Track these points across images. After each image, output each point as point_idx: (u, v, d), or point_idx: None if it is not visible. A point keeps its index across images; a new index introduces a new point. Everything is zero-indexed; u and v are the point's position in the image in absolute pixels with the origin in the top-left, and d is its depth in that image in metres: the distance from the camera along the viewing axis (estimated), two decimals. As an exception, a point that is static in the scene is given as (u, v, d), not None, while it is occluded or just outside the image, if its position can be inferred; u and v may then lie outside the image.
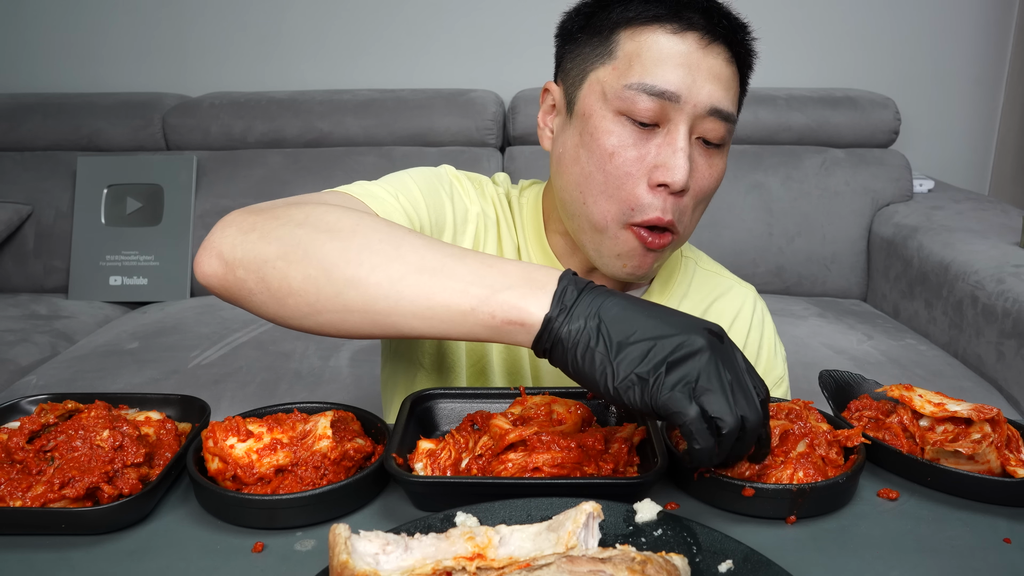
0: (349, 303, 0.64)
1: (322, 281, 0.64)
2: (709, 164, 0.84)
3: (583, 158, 0.84)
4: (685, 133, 0.81)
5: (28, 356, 1.91)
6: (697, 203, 0.85)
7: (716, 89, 0.81)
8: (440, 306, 0.62)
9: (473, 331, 0.62)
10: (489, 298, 0.60)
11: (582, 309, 0.59)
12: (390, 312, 0.63)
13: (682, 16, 0.81)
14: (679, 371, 0.55)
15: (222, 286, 0.69)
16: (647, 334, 0.57)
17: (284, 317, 0.67)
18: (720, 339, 0.58)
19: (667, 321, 0.58)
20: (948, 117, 2.67)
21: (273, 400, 1.66)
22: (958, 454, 0.65)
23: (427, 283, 0.62)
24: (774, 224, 2.30)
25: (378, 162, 2.38)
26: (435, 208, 0.88)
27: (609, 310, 0.58)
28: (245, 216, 0.70)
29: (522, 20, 2.59)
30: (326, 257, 0.64)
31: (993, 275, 1.76)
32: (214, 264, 0.68)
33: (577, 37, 0.87)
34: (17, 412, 0.72)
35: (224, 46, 2.66)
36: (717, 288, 1.03)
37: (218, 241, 0.69)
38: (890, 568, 0.56)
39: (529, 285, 0.61)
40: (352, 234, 0.66)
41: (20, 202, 2.37)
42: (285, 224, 0.67)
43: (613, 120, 0.82)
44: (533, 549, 0.51)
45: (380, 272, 0.63)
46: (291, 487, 0.62)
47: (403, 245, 0.65)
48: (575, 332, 0.58)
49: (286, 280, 0.65)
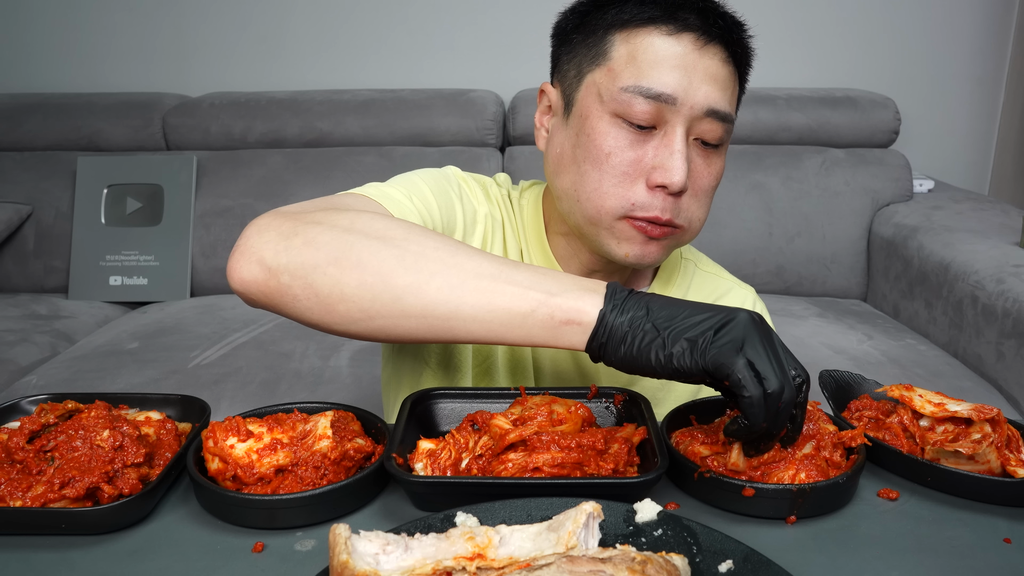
0: (407, 309, 0.65)
1: (379, 287, 0.65)
2: (707, 164, 0.84)
3: (580, 159, 0.84)
4: (682, 135, 0.81)
5: (28, 356, 1.91)
6: (699, 200, 0.85)
7: (713, 90, 0.81)
8: (501, 309, 0.64)
9: (531, 333, 0.65)
10: (547, 300, 0.64)
11: (632, 303, 0.63)
12: (449, 316, 0.65)
13: (677, 17, 0.80)
14: (726, 335, 0.60)
15: (262, 292, 0.68)
16: (694, 314, 0.62)
17: (330, 323, 0.67)
18: (761, 320, 0.62)
19: (710, 306, 0.63)
20: (948, 117, 2.67)
21: (273, 400, 1.66)
22: (958, 454, 0.65)
23: (487, 288, 0.65)
24: (774, 224, 2.30)
25: (378, 162, 2.38)
26: (446, 209, 0.88)
27: (656, 301, 0.63)
28: (281, 220, 0.69)
29: (522, 20, 2.59)
30: (383, 264, 0.65)
31: (993, 275, 1.75)
32: (254, 270, 0.67)
33: (572, 38, 0.87)
34: (17, 412, 0.72)
35: (224, 46, 2.66)
36: (717, 290, 1.03)
37: (257, 247, 0.67)
38: (890, 568, 0.56)
39: (582, 289, 0.65)
40: (406, 241, 0.67)
41: (20, 202, 2.37)
42: (331, 229, 0.67)
43: (610, 122, 0.82)
44: (533, 549, 0.51)
45: (440, 278, 0.65)
46: (291, 487, 0.62)
47: (459, 253, 0.67)
48: (627, 322, 0.62)
49: (338, 286, 0.65)
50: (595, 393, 0.75)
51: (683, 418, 0.73)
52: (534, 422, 0.66)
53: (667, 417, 0.72)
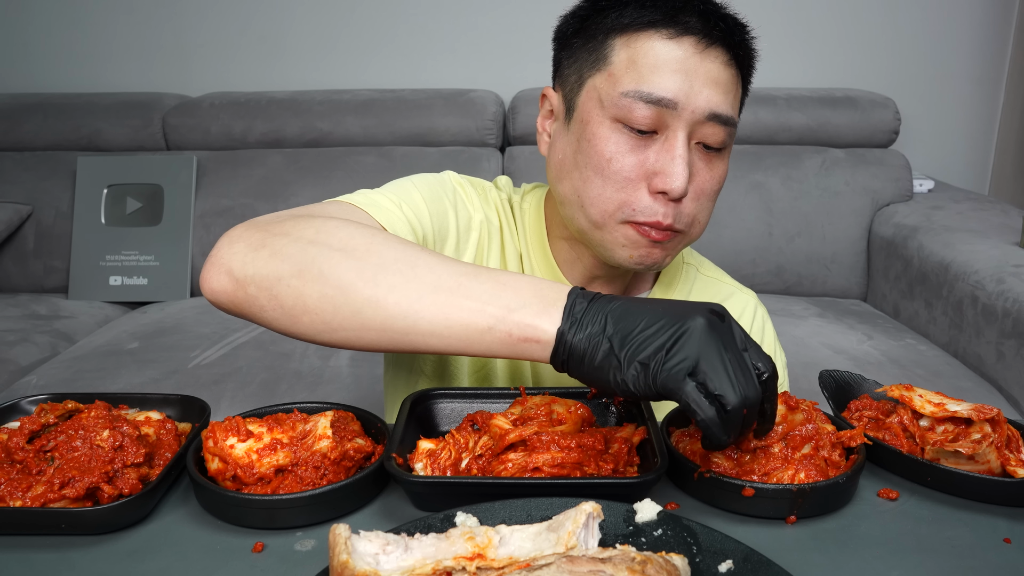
0: (367, 322, 0.65)
1: (339, 300, 0.65)
2: (710, 168, 0.84)
3: (581, 163, 0.83)
4: (684, 139, 0.80)
5: (28, 356, 1.91)
6: (701, 204, 0.85)
7: (714, 94, 0.80)
8: (458, 326, 0.63)
9: (492, 348, 0.63)
10: (505, 318, 0.62)
11: (591, 316, 0.60)
12: (408, 331, 0.64)
13: (678, 20, 0.79)
14: (678, 353, 0.57)
15: (231, 302, 0.69)
16: (650, 325, 0.59)
17: (296, 333, 0.68)
18: (721, 318, 0.60)
19: (669, 310, 0.60)
20: (948, 117, 2.67)
21: (273, 400, 1.66)
22: (958, 454, 0.65)
23: (444, 303, 0.63)
24: (774, 224, 2.30)
25: (378, 162, 2.38)
26: (438, 216, 0.88)
27: (615, 311, 0.60)
28: (252, 231, 0.70)
29: (522, 20, 2.59)
30: (343, 276, 0.65)
31: (993, 275, 1.75)
32: (223, 281, 0.68)
33: (573, 42, 0.86)
34: (17, 412, 0.72)
35: (224, 46, 2.66)
36: (718, 294, 1.03)
37: (226, 257, 0.68)
38: (890, 568, 0.56)
39: (541, 302, 0.62)
40: (367, 253, 0.66)
41: (20, 202, 2.37)
42: (296, 241, 0.67)
43: (610, 127, 0.81)
44: (533, 549, 0.51)
45: (398, 292, 0.64)
46: (291, 487, 0.62)
47: (418, 264, 0.65)
48: (586, 339, 0.60)
49: (301, 299, 0.66)
50: (595, 393, 0.75)
51: (683, 418, 0.73)
52: (534, 422, 0.66)
53: (667, 417, 0.72)
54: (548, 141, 0.91)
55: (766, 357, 0.60)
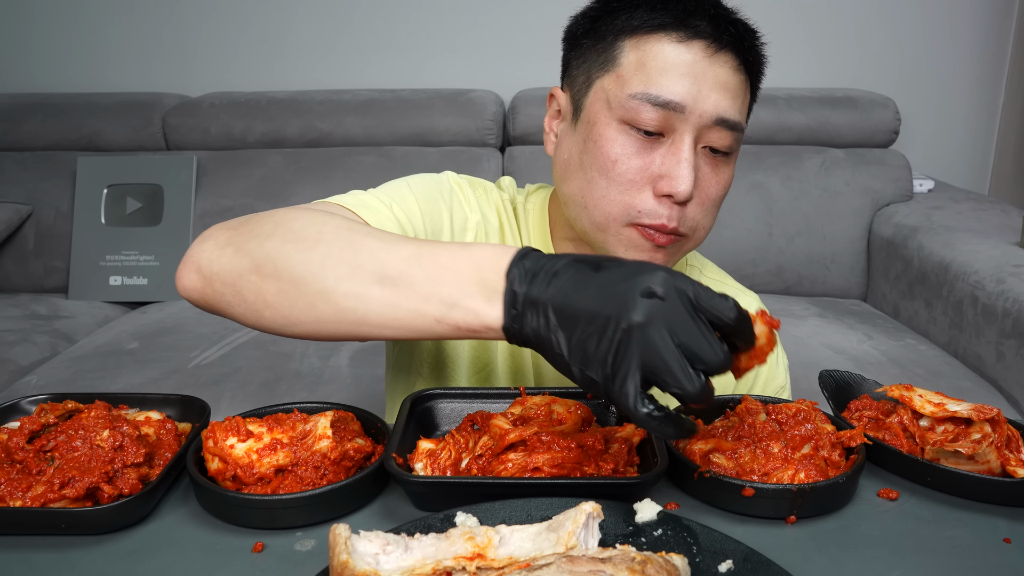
0: (321, 315, 0.65)
1: (294, 294, 0.65)
2: (715, 173, 0.84)
3: (587, 165, 0.83)
4: (690, 143, 0.80)
5: (28, 356, 1.91)
6: (705, 209, 0.85)
7: (722, 98, 0.80)
8: (406, 320, 0.63)
9: (447, 335, 0.63)
10: (447, 314, 0.61)
11: (532, 307, 0.58)
12: (360, 323, 0.64)
13: (688, 24, 0.79)
14: (621, 368, 0.54)
15: (202, 299, 0.71)
16: (591, 321, 0.56)
17: (263, 327, 0.69)
18: (662, 295, 0.55)
19: (606, 297, 0.56)
20: (948, 117, 2.67)
21: (273, 400, 1.65)
22: (958, 454, 0.65)
23: (389, 297, 0.62)
24: (774, 224, 2.30)
25: (378, 162, 2.38)
26: (432, 216, 0.87)
27: (555, 299, 0.57)
28: (223, 230, 0.72)
29: (522, 20, 2.59)
30: (294, 270, 0.65)
31: (993, 275, 1.75)
32: (193, 278, 0.70)
33: (582, 43, 0.86)
34: (17, 412, 0.72)
35: (224, 46, 2.66)
36: None
37: (196, 255, 0.71)
38: (890, 568, 0.56)
39: (482, 289, 0.60)
40: (316, 243, 0.66)
41: (20, 202, 2.37)
42: (256, 237, 0.69)
43: (617, 129, 0.81)
44: (533, 549, 0.51)
45: (345, 284, 0.64)
46: (291, 487, 0.62)
47: (362, 251, 0.65)
48: (533, 335, 0.58)
49: (261, 294, 0.67)
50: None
51: (683, 418, 0.73)
52: (534, 422, 0.67)
53: (667, 417, 0.72)
54: (555, 141, 0.91)
55: (724, 302, 0.56)
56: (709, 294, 0.56)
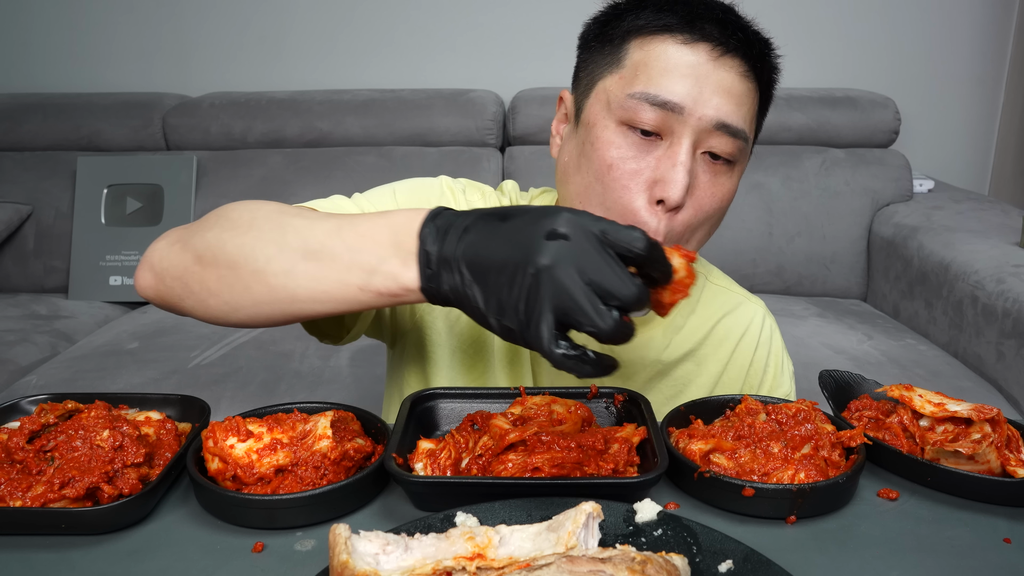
0: (258, 297, 0.67)
1: (232, 279, 0.68)
2: (714, 182, 0.81)
3: (584, 168, 0.82)
4: (688, 147, 0.78)
5: (28, 356, 1.91)
6: (698, 222, 0.82)
7: (725, 103, 0.78)
8: (333, 291, 0.65)
9: (375, 304, 0.65)
10: (369, 281, 0.63)
11: (446, 265, 0.60)
12: (292, 301, 0.66)
13: (694, 26, 0.78)
14: (534, 312, 0.56)
15: (157, 296, 0.74)
16: (500, 275, 0.57)
17: (212, 317, 0.71)
18: (568, 237, 0.56)
19: (513, 245, 0.57)
20: (948, 117, 2.67)
21: (273, 400, 1.65)
22: (958, 454, 0.65)
23: (314, 270, 0.65)
24: (774, 224, 2.30)
25: (378, 162, 2.38)
26: None
27: (467, 253, 0.59)
28: (175, 230, 0.75)
29: (522, 20, 2.59)
30: (229, 255, 0.68)
31: (993, 275, 1.75)
32: (147, 277, 0.74)
33: (592, 46, 0.85)
34: (17, 412, 0.72)
35: (224, 46, 2.66)
36: (726, 304, 1.01)
37: (150, 256, 0.74)
38: (890, 568, 0.56)
39: (398, 252, 0.62)
40: (249, 227, 0.69)
41: (20, 202, 2.37)
42: (200, 230, 0.72)
43: (615, 130, 0.80)
44: (533, 549, 0.51)
45: (275, 263, 0.66)
46: (291, 487, 0.62)
47: (288, 230, 0.67)
48: (451, 291, 0.60)
49: (204, 283, 0.69)
50: (595, 393, 0.75)
51: (683, 418, 0.73)
52: (534, 422, 0.66)
53: (667, 417, 0.72)
54: (559, 144, 0.90)
55: (631, 233, 0.57)
56: (615, 228, 0.57)
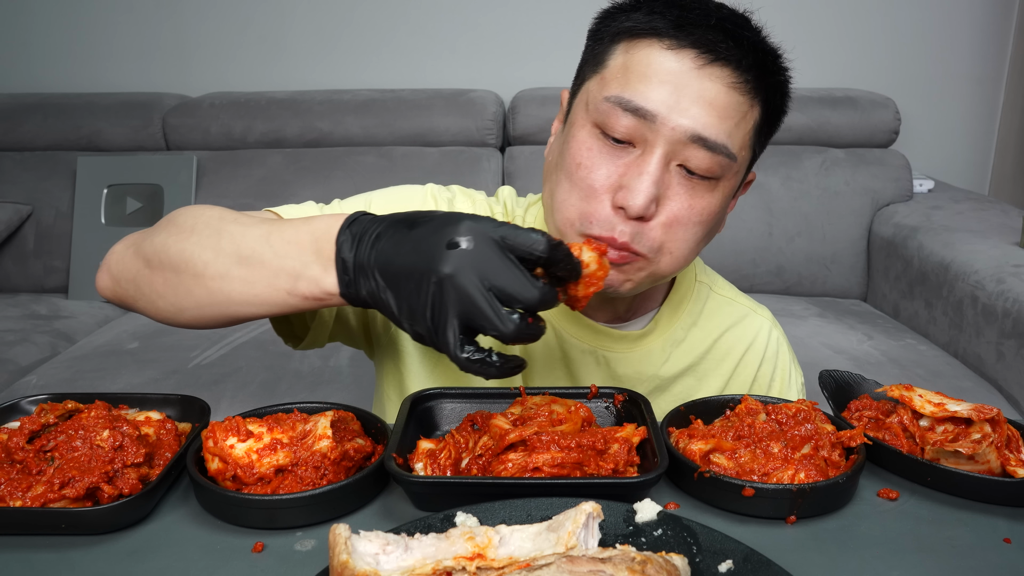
0: (199, 300, 0.70)
1: (175, 282, 0.71)
2: (691, 195, 0.76)
3: (559, 167, 0.80)
4: (659, 157, 0.74)
5: (28, 356, 1.91)
6: (673, 233, 0.77)
7: (704, 114, 0.73)
8: (263, 295, 0.68)
9: (301, 307, 0.68)
10: (295, 285, 0.66)
11: (361, 273, 0.63)
12: (228, 303, 0.69)
13: (683, 31, 0.74)
14: (441, 314, 0.59)
15: (114, 296, 0.78)
16: (409, 282, 0.61)
17: (162, 318, 0.74)
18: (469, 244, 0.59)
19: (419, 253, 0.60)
20: (948, 117, 2.67)
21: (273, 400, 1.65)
22: (958, 454, 0.65)
23: (246, 275, 0.68)
24: (774, 224, 2.30)
25: (378, 162, 2.37)
26: None
27: (378, 262, 0.62)
28: (133, 235, 0.78)
29: (522, 20, 2.59)
30: (173, 259, 0.71)
31: (993, 275, 1.75)
32: (105, 279, 0.78)
33: (587, 44, 0.84)
34: (17, 412, 0.72)
35: (224, 46, 2.66)
36: (731, 316, 0.97)
37: (108, 259, 0.78)
38: (890, 568, 0.56)
39: (319, 259, 0.65)
40: (191, 232, 0.71)
41: (20, 202, 2.37)
42: (151, 234, 0.75)
43: (589, 132, 0.77)
44: (533, 549, 0.51)
45: (211, 268, 0.69)
46: (291, 487, 0.62)
47: (223, 236, 0.70)
48: (369, 296, 0.63)
49: (152, 286, 0.73)
50: (595, 393, 0.75)
51: (683, 418, 0.73)
52: (534, 422, 0.66)
53: (667, 417, 0.72)
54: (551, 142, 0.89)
55: (531, 236, 0.59)
56: (515, 232, 0.60)
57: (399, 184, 0.94)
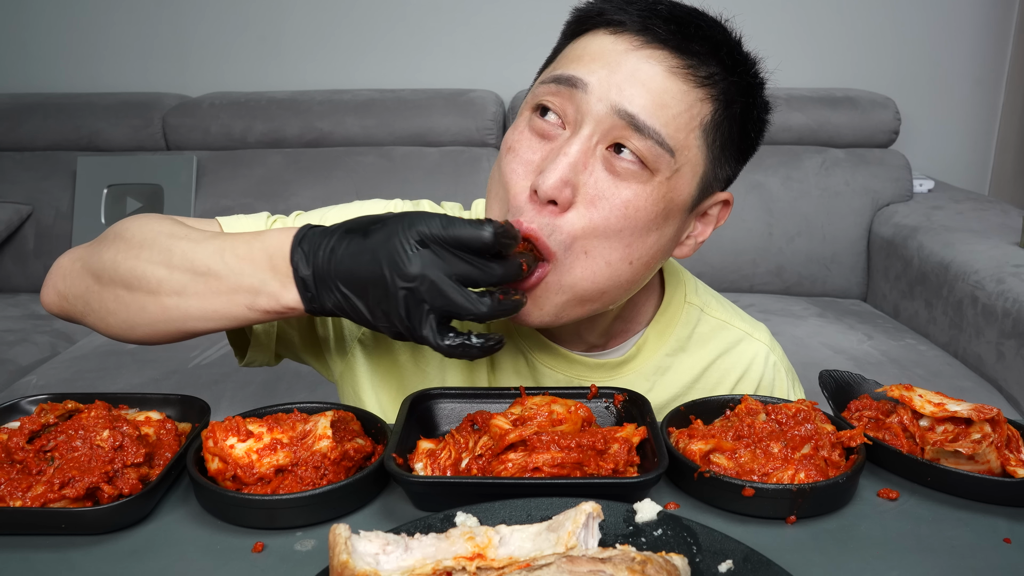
0: (152, 317, 0.70)
1: (127, 299, 0.71)
2: (615, 181, 0.70)
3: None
4: (583, 139, 0.69)
5: (28, 356, 1.91)
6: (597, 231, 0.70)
7: (638, 95, 0.68)
8: (222, 310, 0.69)
9: (263, 320, 0.69)
10: (255, 300, 0.68)
11: (323, 287, 0.65)
12: (185, 320, 0.70)
13: (628, 15, 0.71)
14: (415, 311, 0.63)
15: (62, 312, 0.77)
16: (376, 288, 0.63)
17: (114, 334, 0.74)
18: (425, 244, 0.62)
19: (381, 259, 0.63)
20: (948, 117, 2.67)
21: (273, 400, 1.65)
22: (958, 454, 0.65)
23: (203, 292, 0.68)
24: (774, 224, 2.30)
25: (378, 162, 2.38)
26: None
27: (339, 274, 0.64)
28: (78, 248, 0.77)
29: (522, 20, 2.59)
30: (123, 276, 0.71)
31: (993, 275, 1.76)
32: (51, 295, 0.77)
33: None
34: (17, 412, 0.72)
35: (224, 46, 2.66)
36: (724, 341, 0.90)
37: (54, 273, 0.77)
38: (890, 568, 0.56)
39: (276, 276, 0.67)
40: (140, 247, 0.71)
41: (20, 202, 2.37)
42: (99, 248, 0.74)
43: (526, 119, 0.74)
44: (533, 549, 0.51)
45: (166, 284, 0.69)
46: (291, 487, 0.62)
47: (175, 253, 0.70)
48: (336, 307, 0.65)
49: (103, 302, 0.73)
50: (595, 393, 0.75)
51: (683, 418, 0.73)
52: (534, 422, 0.66)
53: (667, 417, 0.72)
54: None
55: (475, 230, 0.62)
56: (460, 228, 0.62)
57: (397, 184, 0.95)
